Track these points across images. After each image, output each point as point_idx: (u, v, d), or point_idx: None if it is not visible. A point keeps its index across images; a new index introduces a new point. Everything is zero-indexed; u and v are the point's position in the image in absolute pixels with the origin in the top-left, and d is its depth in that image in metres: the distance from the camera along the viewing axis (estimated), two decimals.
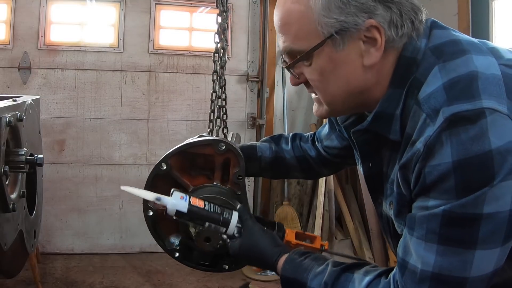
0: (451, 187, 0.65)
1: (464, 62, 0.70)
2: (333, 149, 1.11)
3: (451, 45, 0.74)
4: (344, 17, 0.72)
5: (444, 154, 0.65)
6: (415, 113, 0.72)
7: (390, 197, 0.81)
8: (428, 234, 0.68)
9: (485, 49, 0.74)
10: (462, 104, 0.65)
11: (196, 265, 1.06)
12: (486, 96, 0.66)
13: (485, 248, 0.65)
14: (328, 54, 0.75)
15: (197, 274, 2.95)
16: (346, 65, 0.76)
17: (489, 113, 0.64)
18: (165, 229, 1.06)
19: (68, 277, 2.88)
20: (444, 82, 0.69)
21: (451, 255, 0.66)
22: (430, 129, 0.67)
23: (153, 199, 0.89)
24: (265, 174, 1.20)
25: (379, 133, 0.79)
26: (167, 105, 3.37)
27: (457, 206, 0.65)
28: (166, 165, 1.01)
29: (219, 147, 1.00)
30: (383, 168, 0.84)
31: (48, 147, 3.11)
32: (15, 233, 1.53)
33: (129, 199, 3.31)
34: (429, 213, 0.68)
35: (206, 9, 3.41)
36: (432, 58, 0.73)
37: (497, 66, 0.70)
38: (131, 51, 3.28)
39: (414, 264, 0.70)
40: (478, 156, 0.63)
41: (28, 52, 3.12)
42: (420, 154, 0.68)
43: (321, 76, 0.78)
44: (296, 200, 3.48)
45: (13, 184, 1.54)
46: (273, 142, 1.18)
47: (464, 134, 0.64)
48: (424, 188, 0.68)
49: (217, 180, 1.02)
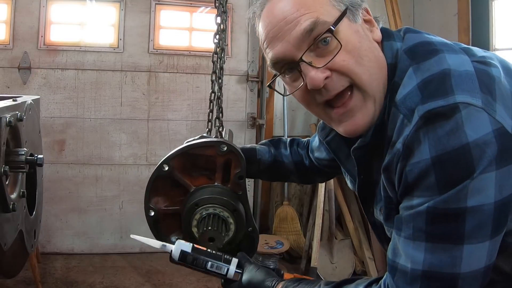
0: (432, 183, 0.65)
1: (437, 61, 0.71)
2: (323, 161, 1.13)
3: (424, 45, 0.76)
4: None
5: (423, 151, 0.65)
6: (394, 116, 0.73)
7: (380, 203, 0.82)
8: (415, 232, 0.68)
9: (457, 48, 0.75)
10: (436, 101, 0.66)
11: None
12: (459, 91, 0.66)
13: (473, 243, 0.65)
14: (350, 26, 0.76)
15: (197, 274, 2.94)
16: (366, 38, 0.78)
17: (463, 107, 0.64)
18: (166, 229, 1.07)
19: (68, 277, 2.88)
20: (418, 82, 0.70)
21: (440, 252, 0.66)
22: (407, 128, 0.68)
23: (160, 246, 0.94)
24: (263, 176, 1.23)
25: (376, 143, 0.79)
26: (167, 105, 3.37)
27: (440, 201, 0.65)
28: (168, 166, 1.02)
29: (220, 148, 1.00)
30: (373, 177, 0.84)
31: (48, 147, 3.11)
32: (15, 233, 1.53)
33: (129, 199, 3.31)
34: (414, 212, 0.68)
35: (206, 9, 3.41)
36: (407, 61, 0.75)
37: (470, 63, 0.71)
38: (131, 51, 3.28)
39: (404, 264, 0.70)
40: (455, 150, 0.63)
41: (28, 52, 3.12)
42: (400, 154, 0.68)
43: (353, 50, 0.75)
44: (296, 200, 3.48)
45: (13, 184, 1.54)
46: (272, 146, 1.20)
47: (440, 129, 0.64)
48: (407, 187, 0.69)
49: (218, 181, 1.03)
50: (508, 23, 2.73)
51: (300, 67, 0.76)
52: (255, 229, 1.04)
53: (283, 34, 0.76)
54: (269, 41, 0.79)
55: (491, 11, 2.78)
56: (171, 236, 1.07)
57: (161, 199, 1.05)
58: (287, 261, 3.26)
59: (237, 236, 1.01)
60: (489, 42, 2.78)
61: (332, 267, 3.04)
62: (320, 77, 0.74)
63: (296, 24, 0.74)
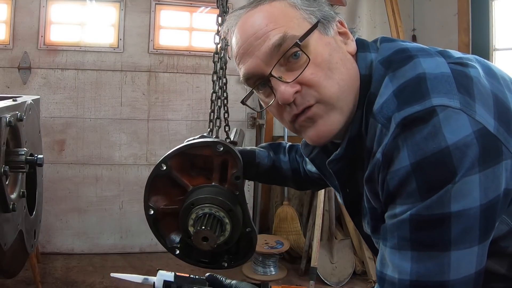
0: (413, 189, 0.63)
1: (411, 67, 0.70)
2: (314, 174, 1.12)
3: (398, 53, 0.75)
4: (323, 8, 0.79)
5: (402, 158, 0.64)
6: (371, 126, 0.71)
7: (366, 216, 0.80)
8: (400, 241, 0.66)
9: (433, 52, 0.74)
10: (412, 106, 0.64)
11: (196, 262, 1.08)
12: (435, 94, 0.64)
13: (460, 248, 0.63)
14: (321, 39, 0.76)
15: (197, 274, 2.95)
16: (338, 50, 0.78)
17: (441, 110, 0.63)
18: (166, 228, 1.07)
19: (68, 277, 2.88)
20: (393, 90, 0.69)
21: (427, 260, 0.64)
22: (386, 137, 0.66)
23: (142, 280, 0.96)
24: (260, 179, 1.24)
25: (355, 156, 0.78)
26: (167, 105, 3.37)
27: (423, 208, 0.63)
28: (166, 166, 1.02)
29: (217, 148, 1.01)
30: (360, 191, 0.83)
31: (48, 147, 3.11)
32: (15, 233, 1.53)
33: (129, 199, 3.32)
34: (397, 220, 0.66)
35: (206, 9, 3.41)
36: (382, 70, 0.73)
37: (446, 65, 0.69)
38: (131, 51, 3.29)
39: (391, 275, 0.67)
40: (435, 154, 0.61)
41: (28, 52, 3.12)
42: (380, 164, 0.67)
43: (323, 63, 0.75)
44: (296, 200, 3.48)
45: (13, 184, 1.54)
46: (271, 150, 1.20)
47: (418, 135, 0.63)
48: (389, 196, 0.67)
49: (216, 181, 1.03)
50: (508, 23, 2.73)
51: (270, 82, 0.76)
52: (253, 230, 1.04)
53: (252, 50, 0.76)
54: (240, 57, 0.79)
55: (491, 11, 2.79)
56: (171, 234, 1.08)
57: (160, 198, 1.06)
58: (287, 261, 3.26)
59: (233, 236, 1.01)
60: (489, 42, 2.78)
61: (332, 267, 3.04)
62: (290, 92, 0.74)
63: (265, 39, 0.74)
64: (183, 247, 1.06)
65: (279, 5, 0.77)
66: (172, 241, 1.07)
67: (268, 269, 3.04)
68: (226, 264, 1.08)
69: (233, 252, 1.08)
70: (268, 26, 0.75)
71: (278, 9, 0.76)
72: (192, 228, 0.98)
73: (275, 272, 3.06)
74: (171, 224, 1.06)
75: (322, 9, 0.78)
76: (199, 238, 0.95)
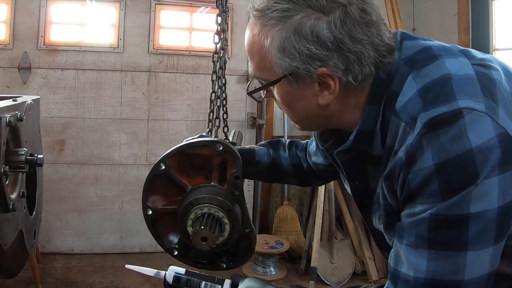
0: (435, 190, 0.64)
1: (436, 67, 0.71)
2: (320, 165, 1.12)
3: (422, 52, 0.75)
4: (296, 63, 0.74)
5: (426, 158, 0.65)
6: (393, 124, 0.72)
7: (379, 211, 0.81)
8: (418, 240, 0.67)
9: (456, 51, 0.74)
10: (439, 108, 0.65)
11: (195, 263, 1.08)
12: (462, 96, 0.66)
13: (476, 249, 0.64)
14: (286, 88, 0.78)
15: None
16: (302, 101, 0.79)
17: (467, 113, 0.64)
18: (164, 228, 1.07)
19: (68, 277, 2.88)
20: (418, 89, 0.69)
21: (443, 259, 0.65)
22: (410, 137, 0.67)
23: (154, 274, 0.97)
24: (261, 177, 1.23)
25: (362, 151, 0.79)
26: (167, 105, 3.37)
27: (443, 208, 0.64)
28: (164, 165, 1.02)
29: (216, 147, 1.00)
30: (370, 185, 0.84)
31: (48, 147, 3.11)
32: (15, 233, 1.53)
33: (129, 199, 3.31)
34: (416, 219, 0.67)
35: (206, 9, 3.41)
36: (405, 68, 0.74)
37: (470, 66, 0.70)
38: (131, 51, 3.28)
39: (406, 272, 0.68)
40: (459, 156, 0.63)
41: (28, 52, 3.12)
42: (402, 163, 0.68)
43: (283, 102, 0.81)
44: (296, 200, 3.48)
45: (13, 184, 1.54)
46: (271, 148, 1.20)
47: (443, 136, 0.64)
48: (409, 195, 0.68)
49: (215, 180, 1.03)
50: (508, 23, 2.73)
51: None
52: (252, 230, 1.04)
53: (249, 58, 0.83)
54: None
55: (491, 11, 2.79)
56: (169, 235, 1.07)
57: (159, 198, 1.05)
58: (287, 261, 3.26)
59: (232, 237, 1.00)
60: (489, 42, 2.78)
61: (332, 267, 3.04)
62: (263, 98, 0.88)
63: (251, 61, 0.82)
64: (181, 248, 1.06)
65: (259, 43, 0.77)
66: (170, 241, 1.07)
67: (268, 269, 3.04)
68: (224, 265, 1.07)
69: (232, 253, 1.07)
70: (248, 54, 0.82)
71: (257, 45, 0.78)
72: (191, 228, 0.97)
73: (275, 272, 3.06)
74: (169, 225, 1.06)
75: (293, 65, 0.74)
76: (198, 238, 0.95)
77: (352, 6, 0.71)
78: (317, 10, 0.71)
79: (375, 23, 0.73)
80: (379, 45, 0.73)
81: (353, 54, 0.72)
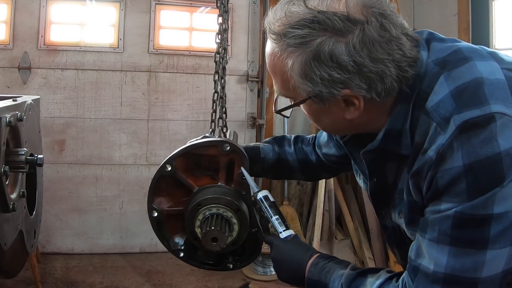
0: (462, 189, 0.67)
1: (468, 69, 0.72)
2: (331, 157, 1.13)
3: (453, 54, 0.76)
4: (319, 88, 0.74)
5: (455, 158, 0.67)
6: (423, 123, 0.73)
7: (400, 206, 0.83)
8: (440, 236, 0.69)
9: (485, 54, 0.76)
10: (472, 111, 0.67)
11: (201, 265, 1.07)
12: (494, 100, 0.68)
13: (496, 248, 0.67)
14: (312, 106, 0.79)
15: (197, 274, 2.95)
16: (330, 115, 0.80)
17: (499, 117, 0.66)
18: (170, 230, 1.06)
19: (68, 277, 2.88)
20: (451, 90, 0.71)
21: (463, 256, 0.68)
22: (441, 137, 0.69)
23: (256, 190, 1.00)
24: (267, 175, 1.22)
25: (389, 150, 0.80)
26: (167, 105, 3.37)
27: (468, 207, 0.66)
28: (171, 166, 1.01)
29: (223, 147, 1.00)
30: (387, 180, 0.85)
31: (48, 147, 3.11)
32: (15, 233, 1.53)
33: (129, 199, 3.31)
34: (440, 216, 0.69)
35: (206, 9, 3.41)
36: (436, 69, 0.75)
37: (501, 71, 0.72)
38: (131, 51, 3.28)
39: (426, 265, 0.71)
40: (488, 159, 0.65)
41: (28, 52, 3.12)
42: (432, 162, 0.70)
43: (311, 117, 0.84)
44: (296, 200, 3.48)
45: (13, 184, 1.54)
46: (276, 144, 1.19)
47: (475, 139, 0.66)
48: (436, 192, 0.70)
49: (222, 181, 1.02)
50: (508, 23, 2.73)
51: None
52: (259, 230, 1.03)
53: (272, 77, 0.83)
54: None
55: (491, 11, 2.78)
56: (174, 237, 1.06)
57: (164, 199, 1.04)
58: None
59: (241, 236, 1.00)
60: (489, 42, 2.77)
61: None
62: None
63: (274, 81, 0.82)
64: (187, 249, 1.05)
65: (280, 66, 0.77)
66: (176, 243, 1.05)
67: (268, 269, 3.04)
68: (231, 266, 1.06)
69: (239, 253, 1.06)
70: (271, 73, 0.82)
71: (279, 67, 0.78)
72: (199, 229, 0.96)
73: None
74: (175, 226, 1.05)
75: (317, 89, 0.75)
76: (208, 239, 0.94)
77: (370, 25, 0.71)
78: (334, 33, 0.71)
79: (395, 39, 0.73)
80: (400, 60, 0.73)
81: (375, 74, 0.72)
